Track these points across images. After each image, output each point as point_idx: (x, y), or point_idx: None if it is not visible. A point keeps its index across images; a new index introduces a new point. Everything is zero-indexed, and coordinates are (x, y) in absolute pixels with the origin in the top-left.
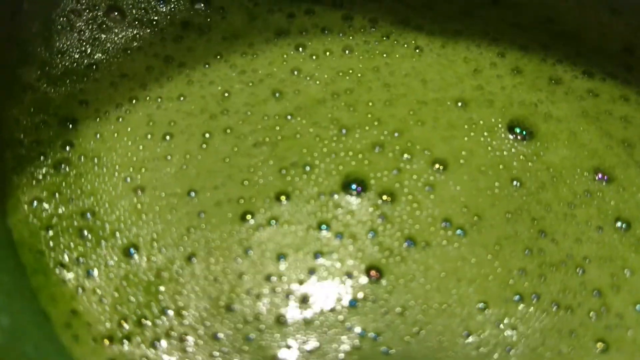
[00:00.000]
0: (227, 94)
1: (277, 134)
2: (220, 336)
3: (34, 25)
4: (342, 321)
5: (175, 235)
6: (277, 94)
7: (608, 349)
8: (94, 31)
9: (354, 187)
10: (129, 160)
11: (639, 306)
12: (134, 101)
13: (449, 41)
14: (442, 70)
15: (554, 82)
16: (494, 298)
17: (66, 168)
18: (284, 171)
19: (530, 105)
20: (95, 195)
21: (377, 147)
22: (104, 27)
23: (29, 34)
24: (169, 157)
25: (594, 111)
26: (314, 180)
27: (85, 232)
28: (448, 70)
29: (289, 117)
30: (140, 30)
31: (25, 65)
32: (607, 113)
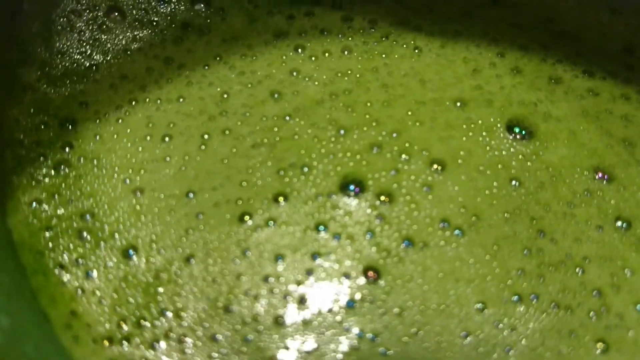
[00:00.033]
0: (226, 95)
1: (275, 135)
2: (218, 337)
3: (34, 25)
4: (340, 322)
5: (174, 236)
6: (276, 95)
7: (608, 350)
8: (94, 32)
9: (351, 188)
10: (128, 161)
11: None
12: (133, 103)
13: (449, 41)
14: (441, 70)
15: (553, 81)
16: (493, 298)
17: (66, 169)
18: (282, 172)
19: (529, 105)
20: (94, 196)
21: (375, 148)
22: (104, 27)
23: (29, 34)
24: (167, 159)
25: (594, 110)
26: (312, 181)
27: (84, 233)
28: (447, 70)
29: (287, 118)
30: (140, 31)
31: (25, 65)
32: (608, 112)
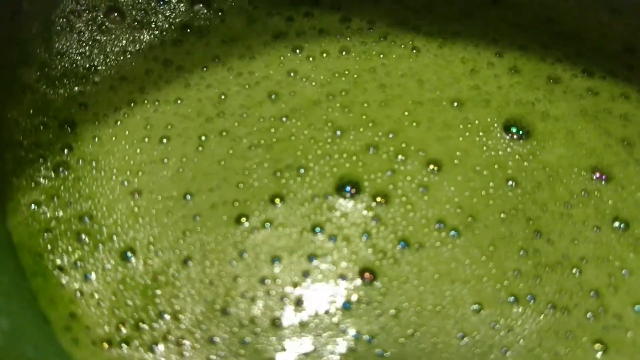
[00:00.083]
0: (224, 96)
1: (272, 136)
2: (216, 340)
3: (33, 25)
4: (337, 324)
5: (171, 238)
6: (273, 96)
7: (607, 350)
8: (94, 33)
9: (347, 189)
10: (127, 163)
11: (638, 307)
12: (132, 104)
13: (447, 41)
14: (438, 70)
15: (552, 81)
16: (489, 299)
17: (65, 171)
18: (279, 173)
19: (527, 105)
20: (93, 198)
21: (372, 149)
22: (104, 28)
23: (29, 35)
24: (165, 160)
25: (593, 110)
26: (308, 182)
27: (83, 235)
28: (445, 70)
29: (284, 119)
30: (140, 33)
31: (25, 65)
32: (607, 111)
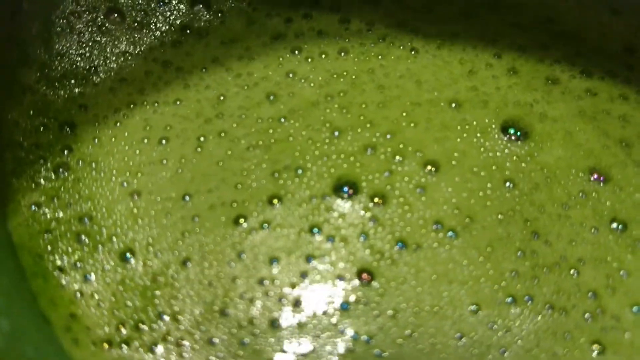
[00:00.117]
0: (223, 97)
1: (270, 137)
2: (215, 341)
3: (33, 26)
4: (335, 324)
5: (171, 239)
6: (272, 97)
7: (604, 351)
8: (94, 33)
9: (345, 189)
10: (126, 164)
11: (636, 308)
12: (131, 106)
13: (445, 43)
14: (437, 71)
15: (550, 82)
16: (487, 300)
17: (65, 172)
18: (277, 174)
19: (525, 106)
20: (92, 200)
21: (369, 150)
22: (104, 29)
23: (29, 35)
24: (164, 161)
25: (591, 110)
26: (306, 183)
27: (82, 236)
28: (443, 71)
29: (283, 120)
30: (139, 34)
31: (25, 66)
32: (605, 112)
